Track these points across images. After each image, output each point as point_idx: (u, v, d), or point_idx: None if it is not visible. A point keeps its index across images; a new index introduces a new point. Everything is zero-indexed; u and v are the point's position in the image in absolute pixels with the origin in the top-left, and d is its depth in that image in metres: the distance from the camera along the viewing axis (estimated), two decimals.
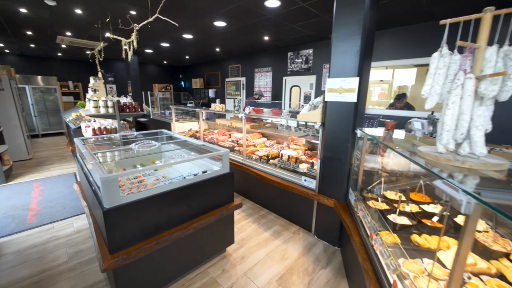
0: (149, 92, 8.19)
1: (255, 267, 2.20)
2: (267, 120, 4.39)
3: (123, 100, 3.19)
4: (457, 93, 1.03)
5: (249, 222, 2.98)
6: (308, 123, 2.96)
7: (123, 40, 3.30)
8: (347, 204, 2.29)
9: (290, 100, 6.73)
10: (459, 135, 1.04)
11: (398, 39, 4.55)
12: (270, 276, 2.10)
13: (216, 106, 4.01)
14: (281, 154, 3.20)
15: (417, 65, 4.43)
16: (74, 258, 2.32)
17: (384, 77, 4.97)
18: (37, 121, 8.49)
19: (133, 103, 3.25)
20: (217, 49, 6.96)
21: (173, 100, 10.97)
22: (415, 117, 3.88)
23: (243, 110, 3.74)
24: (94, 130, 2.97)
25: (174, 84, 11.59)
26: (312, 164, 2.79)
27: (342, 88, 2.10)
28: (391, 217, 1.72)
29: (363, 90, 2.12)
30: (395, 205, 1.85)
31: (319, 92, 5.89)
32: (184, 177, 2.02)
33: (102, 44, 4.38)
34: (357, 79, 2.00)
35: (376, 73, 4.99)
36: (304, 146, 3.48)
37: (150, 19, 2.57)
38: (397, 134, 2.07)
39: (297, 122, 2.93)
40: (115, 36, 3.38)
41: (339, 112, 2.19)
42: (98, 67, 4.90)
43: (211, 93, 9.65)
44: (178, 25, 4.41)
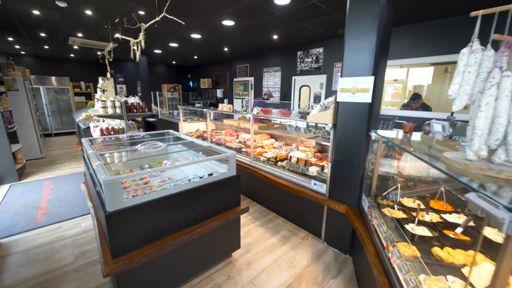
0: (157, 92, 8.24)
1: (261, 274, 2.11)
2: (275, 120, 4.30)
3: (131, 100, 3.18)
4: (491, 93, 0.91)
5: (256, 226, 2.90)
6: (318, 125, 2.85)
7: (132, 40, 3.29)
8: (360, 211, 2.16)
9: (299, 100, 6.60)
10: (493, 140, 0.92)
11: (414, 37, 4.36)
12: (277, 284, 2.01)
13: (224, 107, 3.95)
14: (290, 156, 3.10)
15: (434, 64, 4.22)
16: (80, 259, 2.31)
17: (398, 77, 4.77)
18: (50, 121, 8.72)
19: (141, 103, 3.24)
20: (226, 48, 6.91)
21: (181, 100, 11.03)
22: (432, 118, 3.69)
23: (251, 110, 3.66)
24: (101, 130, 2.97)
25: (183, 84, 11.66)
26: (322, 167, 2.68)
27: (355, 88, 1.98)
28: (409, 227, 1.59)
29: (378, 90, 1.99)
30: (413, 214, 1.72)
31: (329, 92, 5.74)
32: (190, 179, 1.96)
33: (111, 45, 4.41)
34: (372, 78, 1.88)
35: (389, 72, 4.80)
36: (313, 148, 3.37)
37: (157, 18, 2.54)
38: (416, 137, 1.94)
39: (307, 123, 2.83)
40: (123, 37, 3.37)
41: (352, 113, 2.07)
42: (108, 68, 4.94)
43: (219, 93, 9.63)
44: (184, 23, 4.40)
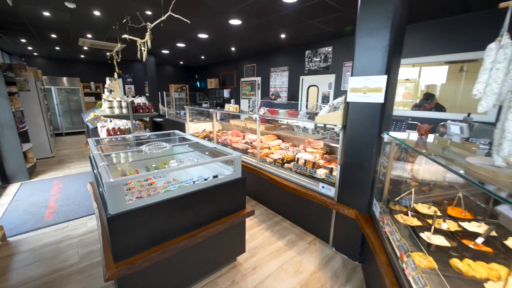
0: (165, 92, 8.29)
1: (266, 280, 2.05)
2: (282, 121, 4.22)
3: (137, 100, 3.17)
4: None
5: (261, 229, 2.83)
6: (327, 126, 2.76)
7: (138, 40, 3.29)
8: (371, 216, 2.07)
9: (307, 100, 6.49)
10: None
11: (427, 34, 4.20)
12: None
13: (230, 107, 3.91)
14: (297, 158, 3.02)
15: (449, 62, 4.05)
16: (85, 259, 2.30)
17: (410, 76, 4.61)
18: (61, 120, 8.90)
19: (147, 103, 3.23)
20: (233, 48, 6.87)
21: (188, 101, 11.07)
22: (447, 119, 3.54)
23: (258, 111, 3.60)
24: (108, 130, 2.97)
25: (190, 84, 11.71)
26: (331, 170, 2.59)
27: (367, 88, 1.89)
28: (425, 235, 1.50)
29: (391, 90, 1.89)
30: (429, 221, 1.62)
31: (338, 92, 5.62)
32: (194, 181, 1.92)
33: (119, 45, 4.44)
34: (385, 77, 1.79)
35: (401, 71, 4.59)
36: (321, 150, 3.28)
37: (163, 17, 2.51)
38: (431, 139, 1.83)
39: (315, 124, 2.75)
40: (130, 37, 3.37)
41: (363, 114, 1.98)
42: (116, 68, 4.97)
43: (226, 93, 9.61)
44: (191, 23, 4.38)
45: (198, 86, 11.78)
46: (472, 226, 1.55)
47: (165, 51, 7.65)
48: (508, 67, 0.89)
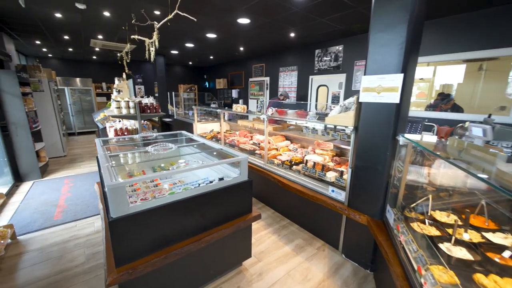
0: (173, 92, 8.33)
1: (273, 287, 1.97)
2: (291, 122, 4.13)
3: (145, 100, 3.17)
4: None
5: (268, 233, 2.76)
6: (337, 127, 2.65)
7: (147, 40, 3.28)
8: (384, 223, 1.96)
9: (316, 100, 6.36)
10: None
11: (444, 31, 4.00)
12: None
13: (238, 107, 3.85)
14: (306, 160, 2.92)
15: (467, 60, 3.85)
16: (91, 260, 2.29)
17: (424, 75, 4.42)
18: (73, 120, 9.12)
19: (154, 103, 3.21)
20: (241, 48, 6.83)
21: (197, 101, 11.11)
22: (465, 120, 3.35)
23: (266, 111, 3.53)
24: (116, 130, 2.97)
25: (199, 85, 11.76)
26: (341, 173, 2.49)
27: (381, 87, 1.79)
28: (444, 246, 1.38)
29: (407, 89, 1.78)
30: (449, 231, 1.50)
31: (349, 92, 5.47)
32: (199, 184, 1.87)
33: (128, 46, 4.47)
34: (401, 76, 1.68)
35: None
36: (331, 152, 3.17)
37: (170, 16, 2.49)
38: (451, 142, 1.71)
39: (325, 125, 2.65)
40: (139, 37, 3.37)
41: (377, 115, 1.87)
42: (126, 69, 5.02)
43: (234, 93, 9.58)
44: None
45: (207, 86, 11.82)
46: (497, 238, 1.42)
47: (174, 52, 7.70)
48: None
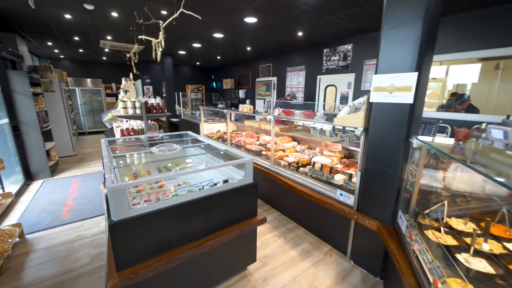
0: (181, 93, 8.37)
1: None
2: (298, 122, 4.06)
3: (151, 101, 3.16)
4: None
5: (274, 236, 2.70)
6: (346, 128, 2.57)
7: (153, 40, 3.28)
8: (395, 230, 1.86)
9: (324, 101, 6.25)
10: None
11: (458, 29, 3.83)
12: None
13: (244, 107, 3.80)
14: (313, 161, 2.85)
15: (482, 59, 3.67)
16: (96, 260, 2.29)
17: (437, 75, 4.26)
18: (84, 120, 9.29)
19: (160, 104, 3.21)
20: (248, 48, 6.79)
21: (204, 101, 11.14)
22: (481, 121, 3.19)
23: (273, 111, 3.47)
24: (122, 131, 2.98)
25: (206, 85, 11.79)
26: (350, 176, 2.40)
27: (393, 87, 1.70)
28: (462, 257, 1.29)
29: (421, 89, 1.68)
30: (467, 240, 1.40)
31: (358, 92, 5.33)
32: (203, 186, 1.83)
33: (136, 47, 4.50)
34: (415, 74, 1.58)
35: None
36: (339, 153, 3.08)
37: (175, 15, 2.47)
38: (470, 145, 1.60)
39: (333, 126, 2.56)
40: (146, 37, 3.37)
41: (389, 115, 1.78)
42: (134, 69, 5.06)
43: (241, 93, 9.55)
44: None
45: (214, 86, 11.84)
46: None
47: (181, 52, 7.73)
48: None
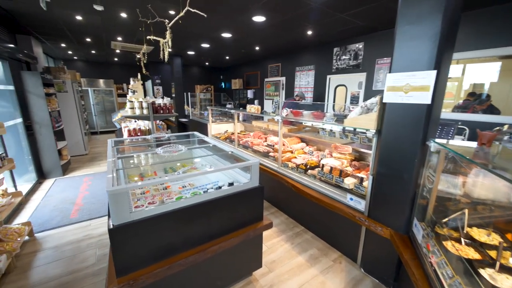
0: (189, 93, 8.41)
1: None
2: (306, 123, 3.96)
3: (158, 101, 3.15)
4: None
5: (281, 241, 2.62)
6: (357, 129, 2.46)
7: (161, 41, 3.27)
8: (410, 239, 1.75)
9: (334, 101, 6.10)
10: None
11: (476, 26, 3.62)
12: None
13: (251, 108, 3.74)
14: (322, 164, 2.75)
15: (503, 57, 3.46)
16: (101, 261, 2.29)
17: (452, 74, 4.05)
18: (96, 120, 9.51)
19: (167, 104, 3.19)
20: (257, 47, 6.72)
21: (213, 101, 11.17)
22: (503, 123, 3.00)
23: (281, 112, 3.39)
24: (129, 131, 2.98)
25: (215, 85, 11.82)
26: (361, 180, 2.29)
27: (409, 86, 1.59)
28: (487, 273, 1.17)
29: (440, 88, 1.57)
30: (491, 254, 1.28)
31: (369, 91, 5.17)
32: (207, 189, 1.78)
33: (145, 47, 4.52)
34: (434, 73, 1.47)
35: None
36: (349, 155, 2.97)
37: (181, 13, 2.44)
38: (494, 149, 1.47)
39: (343, 127, 2.46)
40: (154, 37, 3.37)
41: (404, 117, 1.67)
42: (144, 70, 5.10)
43: (249, 93, 9.50)
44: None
45: (223, 86, 11.85)
46: None
47: (190, 52, 7.76)
48: None
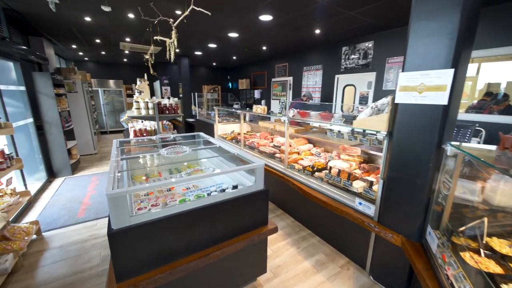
0: (196, 93, 8.43)
1: None
2: (314, 123, 3.87)
3: (164, 101, 3.14)
4: None
5: (286, 244, 2.55)
6: (366, 131, 2.36)
7: (167, 41, 3.26)
8: (423, 247, 1.65)
9: (342, 101, 5.97)
10: None
11: (492, 22, 3.44)
12: None
13: (258, 108, 3.69)
14: (329, 166, 2.66)
15: None
16: (105, 262, 2.28)
17: (467, 73, 3.87)
18: (106, 120, 9.67)
19: (173, 104, 3.18)
20: (264, 47, 6.66)
21: (220, 101, 11.18)
22: None
23: (287, 112, 3.32)
24: (135, 131, 2.99)
25: (222, 85, 11.82)
26: (370, 184, 2.20)
27: (423, 86, 1.49)
28: None
29: (458, 88, 1.47)
30: None
31: (379, 91, 5.02)
32: (210, 192, 1.73)
33: (152, 48, 4.54)
34: (451, 71, 1.38)
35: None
36: (358, 158, 2.87)
37: (186, 12, 2.41)
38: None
39: (352, 129, 2.37)
40: (161, 37, 3.37)
41: (417, 118, 1.58)
42: (151, 70, 5.13)
43: (256, 93, 9.45)
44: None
45: (230, 87, 11.85)
46: None
47: (198, 53, 7.77)
48: None
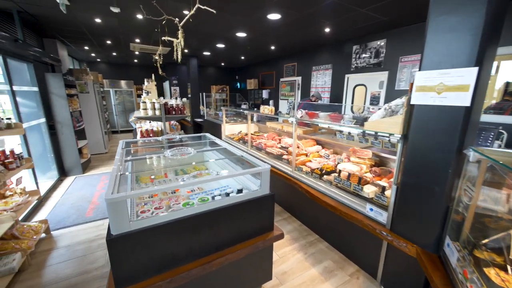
0: (205, 93, 8.45)
1: None
2: (322, 124, 3.76)
3: (171, 102, 3.13)
4: None
5: (293, 250, 2.47)
6: (378, 133, 2.25)
7: (175, 41, 3.25)
8: (441, 259, 1.54)
9: (352, 102, 5.80)
10: None
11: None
12: None
13: (265, 109, 3.62)
14: (339, 169, 2.56)
15: None
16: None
17: None
18: (117, 119, 9.86)
19: (180, 105, 3.16)
20: (272, 47, 6.58)
21: (228, 101, 11.17)
22: None
23: (296, 113, 3.23)
24: (142, 132, 2.98)
25: (230, 85, 11.82)
26: (382, 189, 2.09)
27: (443, 85, 1.38)
28: None
29: (481, 88, 1.35)
30: None
31: (391, 92, 4.84)
32: (214, 196, 1.68)
33: (161, 48, 4.55)
34: (475, 70, 1.26)
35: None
36: (369, 161, 2.75)
37: (192, 11, 2.37)
38: None
39: (363, 131, 2.26)
40: (168, 38, 3.36)
41: (436, 121, 1.47)
42: (160, 71, 5.15)
43: (265, 94, 9.37)
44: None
45: (238, 87, 11.82)
46: None
47: (206, 53, 7.78)
48: None
